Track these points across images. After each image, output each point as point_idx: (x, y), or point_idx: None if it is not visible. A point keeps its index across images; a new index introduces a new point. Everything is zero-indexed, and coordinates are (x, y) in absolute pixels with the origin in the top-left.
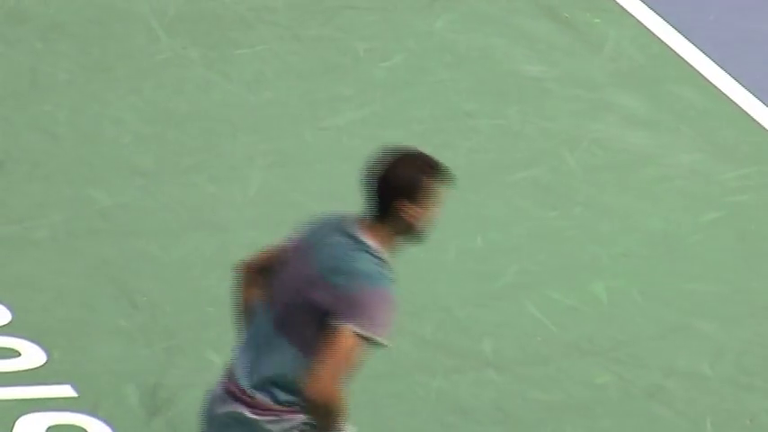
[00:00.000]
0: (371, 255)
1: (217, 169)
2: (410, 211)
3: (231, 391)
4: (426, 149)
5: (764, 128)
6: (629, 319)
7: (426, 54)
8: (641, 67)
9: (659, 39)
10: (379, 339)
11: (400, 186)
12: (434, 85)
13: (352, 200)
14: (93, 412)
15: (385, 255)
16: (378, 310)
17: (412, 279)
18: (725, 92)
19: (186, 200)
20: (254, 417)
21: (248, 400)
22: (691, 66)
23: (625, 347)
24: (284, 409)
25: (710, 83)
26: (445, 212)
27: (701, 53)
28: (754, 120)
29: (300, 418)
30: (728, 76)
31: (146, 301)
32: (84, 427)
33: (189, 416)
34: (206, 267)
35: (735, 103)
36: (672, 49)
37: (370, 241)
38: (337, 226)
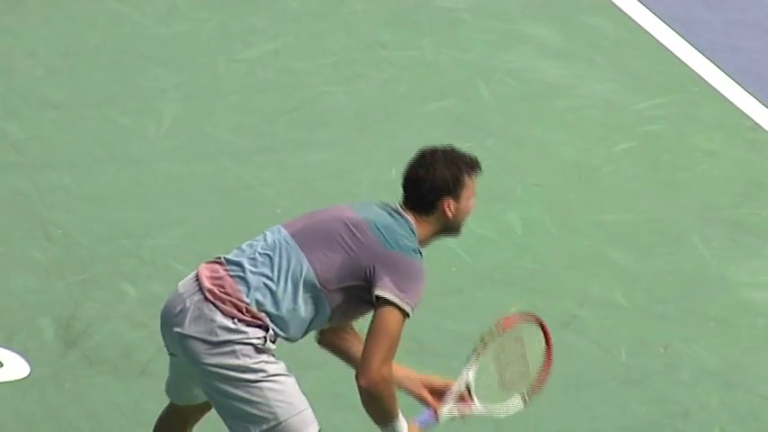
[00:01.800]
0: (411, 231)
1: (130, 102)
2: (453, 207)
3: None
4: (340, 81)
5: (678, 58)
6: (543, 249)
7: None
8: None
9: None
10: (410, 313)
11: (445, 187)
12: (348, 16)
13: (266, 131)
14: (7, 345)
15: (419, 244)
16: (416, 280)
17: None
18: (638, 22)
19: (100, 132)
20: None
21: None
22: None
23: (539, 277)
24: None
25: (624, 13)
26: (359, 144)
27: None
28: (667, 50)
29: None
30: (642, 6)
31: (60, 233)
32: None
33: (104, 348)
34: (120, 200)
35: (648, 33)
36: None
37: (412, 222)
38: (382, 204)
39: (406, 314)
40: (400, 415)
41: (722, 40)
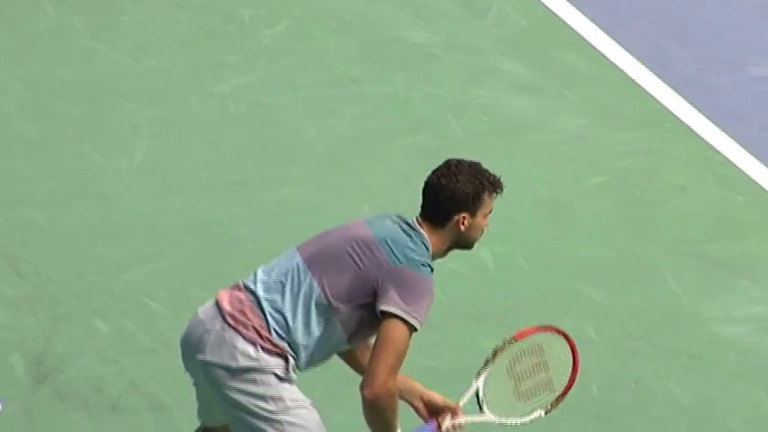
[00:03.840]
0: (424, 245)
1: (102, 138)
2: (467, 222)
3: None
4: (312, 116)
5: (649, 93)
6: (515, 284)
7: (311, 20)
8: (526, 32)
9: (543, 4)
10: (418, 326)
11: (464, 200)
12: (319, 51)
13: (238, 167)
14: None
15: (431, 255)
16: (423, 295)
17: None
18: (609, 57)
19: (71, 169)
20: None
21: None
22: (575, 31)
23: (511, 313)
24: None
25: (595, 48)
26: (331, 180)
27: (585, 18)
28: (638, 85)
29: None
30: (613, 42)
31: (31, 269)
32: None
33: (76, 384)
34: (92, 236)
35: (619, 69)
36: (556, 15)
37: (426, 236)
38: (396, 217)
39: (412, 328)
40: (399, 430)
41: (693, 75)
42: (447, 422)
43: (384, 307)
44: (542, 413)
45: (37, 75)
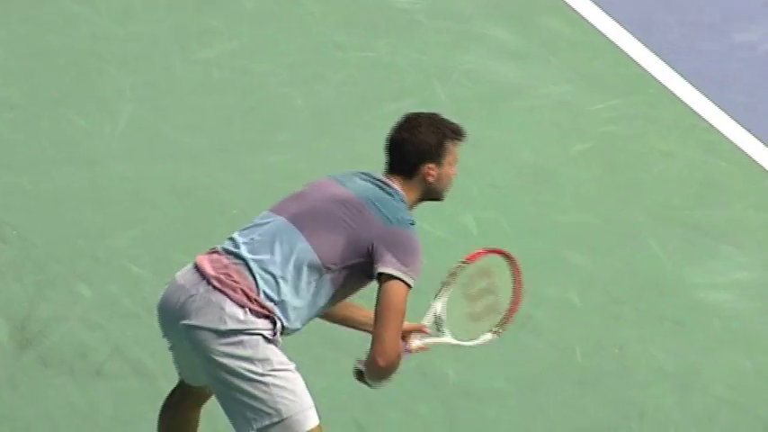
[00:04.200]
0: (403, 201)
1: (86, 102)
2: (435, 173)
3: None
4: (296, 82)
5: (633, 59)
6: None
7: None
8: None
9: None
10: (413, 284)
11: (427, 151)
12: (304, 17)
13: (222, 132)
14: None
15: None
16: (416, 253)
17: None
18: (594, 24)
19: (56, 133)
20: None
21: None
22: None
23: None
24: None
25: (579, 14)
26: (316, 145)
27: None
28: (623, 51)
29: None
30: (597, 8)
31: (15, 234)
32: None
33: (60, 349)
34: (76, 201)
35: (604, 35)
36: None
37: (401, 192)
38: (364, 175)
39: (409, 286)
40: None
41: (678, 41)
42: (415, 342)
43: (383, 269)
44: (490, 336)
45: (21, 39)
